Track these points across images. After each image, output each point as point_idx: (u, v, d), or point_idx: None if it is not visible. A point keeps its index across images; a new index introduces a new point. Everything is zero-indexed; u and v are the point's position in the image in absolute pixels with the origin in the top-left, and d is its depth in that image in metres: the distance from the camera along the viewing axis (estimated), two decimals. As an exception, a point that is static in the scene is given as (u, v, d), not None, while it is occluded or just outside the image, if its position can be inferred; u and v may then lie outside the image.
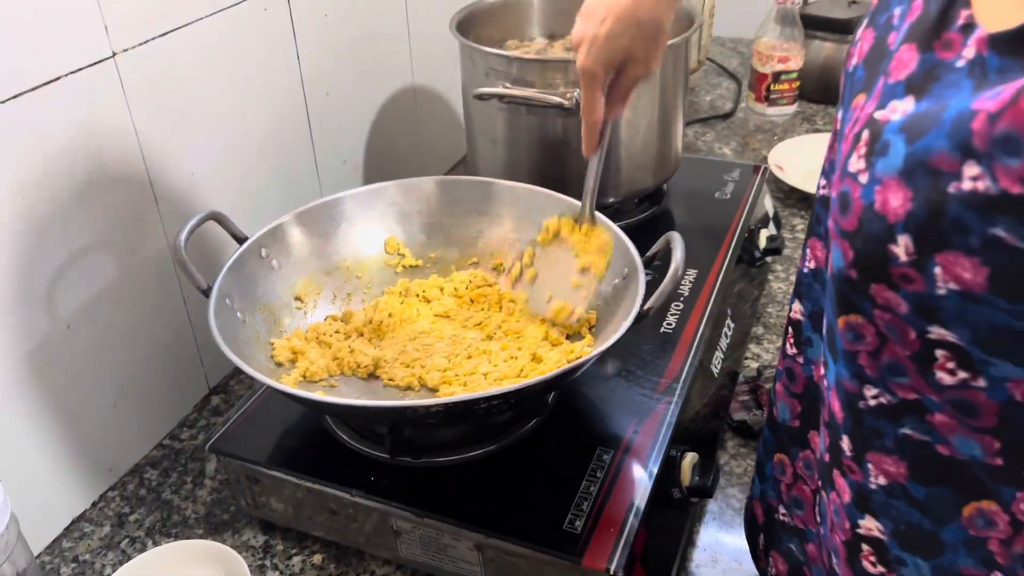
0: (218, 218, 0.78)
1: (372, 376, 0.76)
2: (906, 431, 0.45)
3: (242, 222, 0.81)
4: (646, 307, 0.65)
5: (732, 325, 0.91)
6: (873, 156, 0.41)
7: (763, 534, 0.67)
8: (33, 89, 0.67)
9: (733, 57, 1.71)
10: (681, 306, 0.86)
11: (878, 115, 0.42)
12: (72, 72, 0.70)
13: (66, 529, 0.78)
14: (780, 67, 1.39)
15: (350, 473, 0.69)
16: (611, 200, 0.99)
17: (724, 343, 0.88)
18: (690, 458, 0.72)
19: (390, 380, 0.75)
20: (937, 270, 0.38)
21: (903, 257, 0.39)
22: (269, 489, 0.73)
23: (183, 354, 0.90)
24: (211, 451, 0.73)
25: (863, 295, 0.43)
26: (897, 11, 0.45)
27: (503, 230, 0.88)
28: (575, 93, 0.88)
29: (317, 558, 0.74)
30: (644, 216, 1.03)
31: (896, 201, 0.39)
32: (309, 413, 0.76)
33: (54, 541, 0.77)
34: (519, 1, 1.10)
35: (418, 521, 0.67)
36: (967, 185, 0.36)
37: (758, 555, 0.68)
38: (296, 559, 0.74)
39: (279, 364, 0.75)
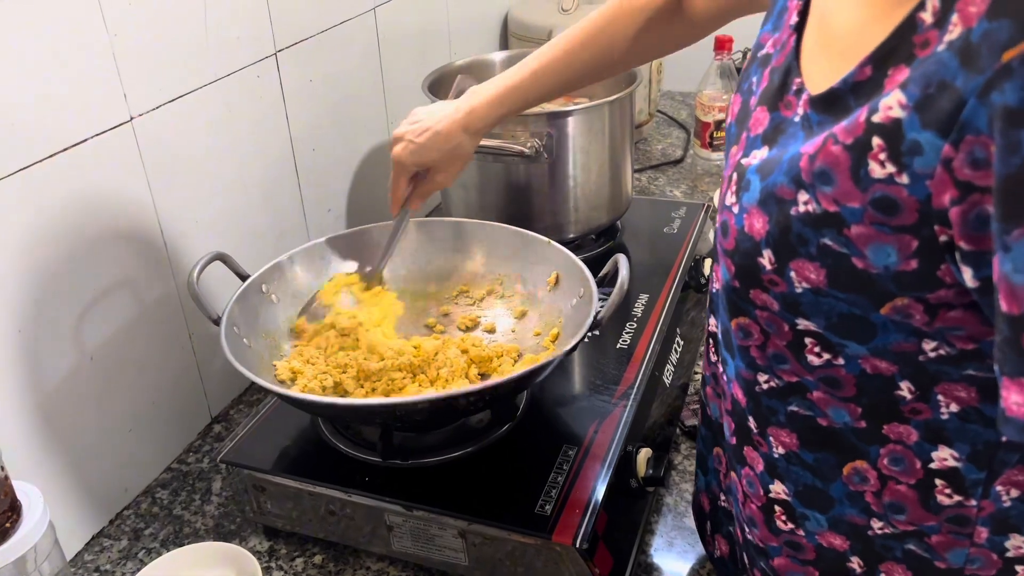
0: (223, 258, 0.89)
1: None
2: (793, 408, 0.56)
3: (240, 262, 0.91)
4: (599, 316, 0.76)
5: (682, 343, 1.02)
6: (740, 192, 0.53)
7: (709, 521, 0.77)
8: (64, 149, 0.78)
9: (682, 108, 1.86)
10: (635, 325, 0.97)
11: (744, 161, 0.55)
12: (97, 135, 0.81)
13: (87, 544, 0.86)
14: (721, 116, 1.53)
15: (347, 476, 0.79)
16: (571, 235, 1.11)
17: (675, 358, 0.99)
18: (644, 452, 0.82)
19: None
20: (792, 274, 0.49)
21: (768, 266, 0.51)
22: (274, 496, 0.82)
23: (188, 386, 0.99)
24: (222, 463, 0.82)
25: (746, 300, 0.55)
26: (754, 79, 0.58)
27: (475, 263, 0.99)
28: (535, 142, 1.01)
29: (318, 558, 0.83)
30: (600, 249, 1.15)
31: (758, 224, 0.51)
32: (307, 428, 0.85)
33: (76, 555, 0.85)
34: (483, 63, 1.23)
35: (408, 514, 0.76)
36: (802, 208, 0.47)
37: (706, 540, 0.78)
38: (299, 560, 0.83)
39: (281, 382, 0.85)
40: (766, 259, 0.50)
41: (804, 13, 0.54)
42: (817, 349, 0.52)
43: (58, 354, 0.81)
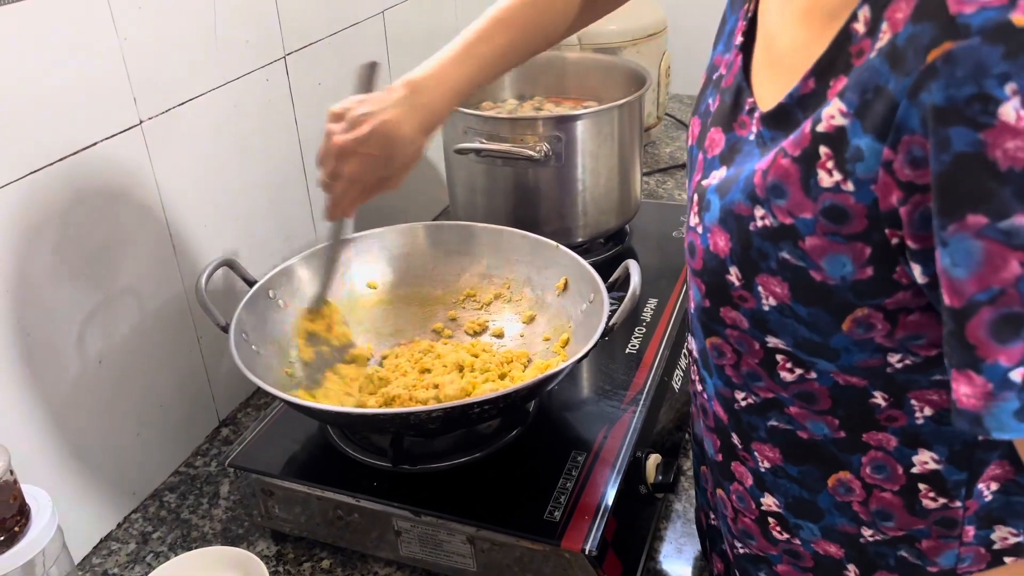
0: (230, 264, 0.89)
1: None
2: (773, 423, 0.57)
3: (247, 267, 0.91)
4: (611, 322, 0.76)
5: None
6: (703, 212, 0.54)
7: (708, 539, 0.77)
8: (74, 153, 0.78)
9: (690, 111, 1.85)
10: (644, 330, 0.97)
11: (704, 182, 0.55)
12: (106, 138, 0.81)
13: (95, 547, 0.86)
14: (730, 120, 1.53)
15: (355, 481, 0.78)
16: (579, 239, 1.10)
17: (684, 363, 0.98)
18: (654, 459, 0.81)
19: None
20: (760, 289, 0.50)
21: (737, 282, 0.51)
22: (282, 500, 0.81)
23: (196, 389, 0.99)
24: (230, 467, 0.82)
25: (716, 319, 0.55)
26: (711, 101, 0.58)
27: (482, 268, 0.98)
28: (543, 146, 1.01)
29: (325, 563, 0.82)
30: (609, 253, 1.15)
31: (721, 242, 0.51)
32: (315, 432, 0.85)
33: (84, 558, 0.85)
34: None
35: (417, 520, 0.76)
36: (759, 223, 0.48)
37: (707, 556, 0.78)
38: (306, 565, 0.82)
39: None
40: (734, 276, 0.51)
41: (750, 33, 0.55)
42: (789, 365, 0.53)
43: (67, 357, 0.81)
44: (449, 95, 0.78)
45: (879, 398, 0.51)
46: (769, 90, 0.51)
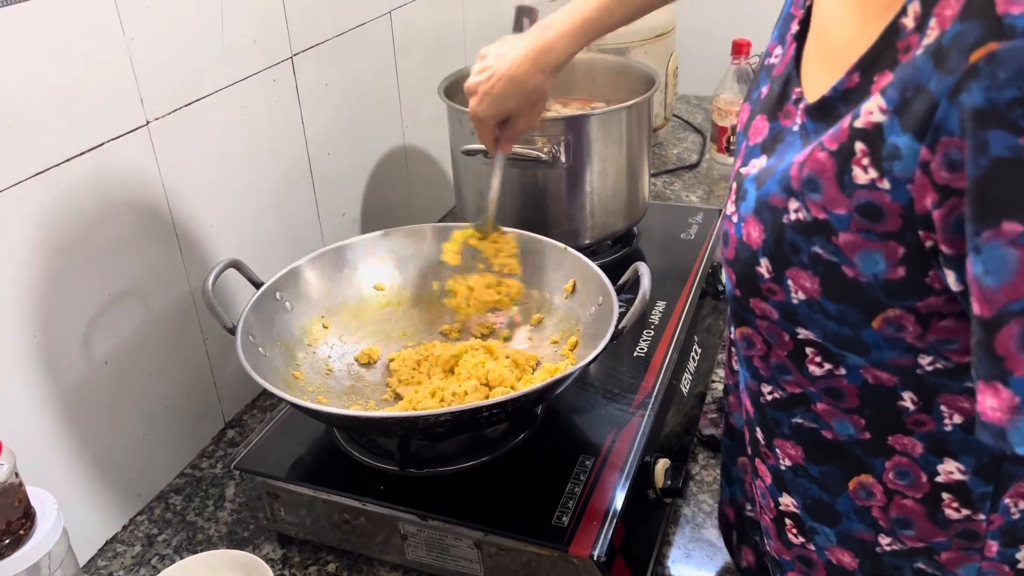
0: (237, 265, 0.88)
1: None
2: (798, 419, 0.56)
3: (253, 268, 0.90)
4: (621, 326, 0.75)
5: (699, 351, 1.01)
6: (739, 201, 0.53)
7: (735, 531, 0.76)
8: (81, 154, 0.77)
9: (697, 113, 1.85)
10: (652, 333, 0.96)
11: (743, 170, 0.54)
12: (113, 139, 0.80)
13: (100, 550, 0.86)
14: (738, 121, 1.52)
15: (361, 484, 0.78)
16: (587, 241, 1.10)
17: (692, 366, 0.98)
18: (662, 463, 0.81)
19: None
20: (789, 282, 0.49)
21: (766, 275, 0.50)
22: (288, 503, 0.81)
23: (202, 390, 0.98)
24: (235, 469, 0.81)
25: (747, 309, 0.54)
26: (764, 89, 0.57)
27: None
28: (552, 147, 1.00)
29: (331, 567, 0.82)
30: (617, 255, 1.14)
31: (755, 233, 0.50)
32: (321, 435, 0.85)
33: (90, 561, 0.85)
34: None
35: (423, 524, 0.75)
36: (792, 216, 0.47)
37: (732, 550, 0.77)
38: (312, 568, 0.82)
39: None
40: (764, 268, 0.50)
41: (806, 22, 0.54)
42: (818, 359, 0.52)
43: (72, 358, 0.81)
44: (569, 36, 0.83)
45: (908, 400, 0.49)
46: (817, 81, 0.50)
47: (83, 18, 0.75)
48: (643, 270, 0.78)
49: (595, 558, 0.69)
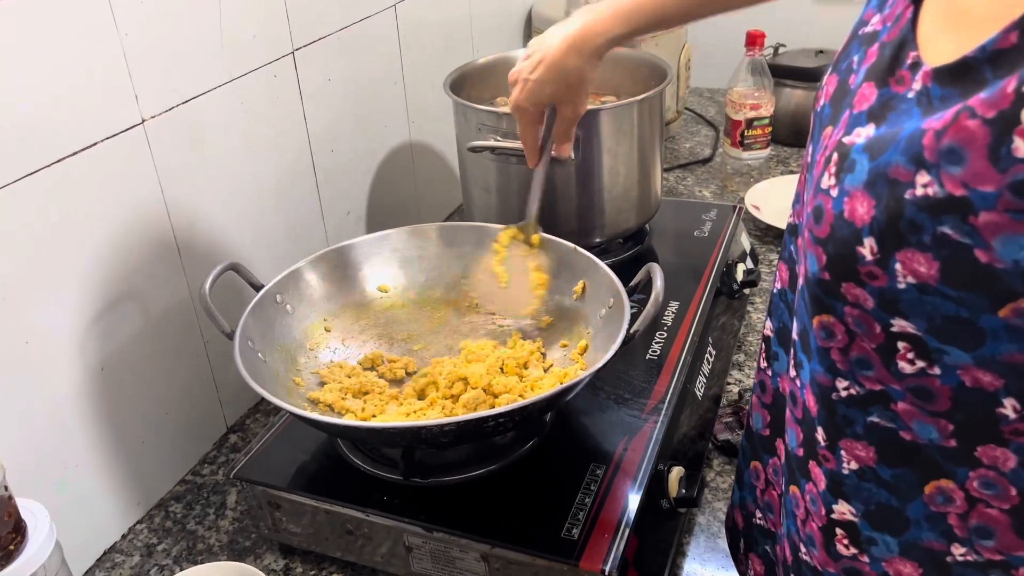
0: (236, 268, 0.86)
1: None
2: (874, 419, 0.51)
3: (255, 269, 0.88)
4: (632, 330, 0.72)
5: (714, 352, 0.98)
6: (842, 173, 0.48)
7: (743, 538, 0.73)
8: (73, 154, 0.75)
9: (710, 106, 1.81)
10: (665, 335, 0.93)
11: (846, 140, 0.49)
12: (107, 138, 0.78)
13: (98, 560, 0.84)
14: (752, 114, 1.48)
15: (365, 494, 0.75)
16: (597, 240, 1.07)
17: (706, 369, 0.95)
18: (676, 471, 0.78)
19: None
20: (898, 266, 0.44)
21: (869, 256, 0.45)
22: (289, 513, 0.79)
23: (203, 395, 0.96)
24: (236, 479, 0.79)
25: (835, 295, 0.49)
26: (855, 57, 0.53)
27: (498, 270, 0.95)
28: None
29: (334, 578, 0.80)
30: (629, 254, 1.11)
31: (862, 209, 0.45)
32: (325, 442, 0.82)
33: (87, 571, 0.83)
34: (506, 61, 1.19)
35: (429, 536, 0.73)
36: (919, 191, 0.42)
37: (738, 559, 0.74)
38: (315, 580, 0.80)
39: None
40: (867, 248, 0.45)
41: None
42: (911, 355, 0.47)
43: (67, 365, 0.78)
44: (615, 20, 0.80)
45: (1009, 408, 0.45)
46: (944, 44, 0.45)
47: (73, 13, 0.73)
48: (655, 271, 0.75)
49: (607, 573, 0.66)
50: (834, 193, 0.48)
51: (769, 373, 0.66)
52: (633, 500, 0.72)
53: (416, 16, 1.25)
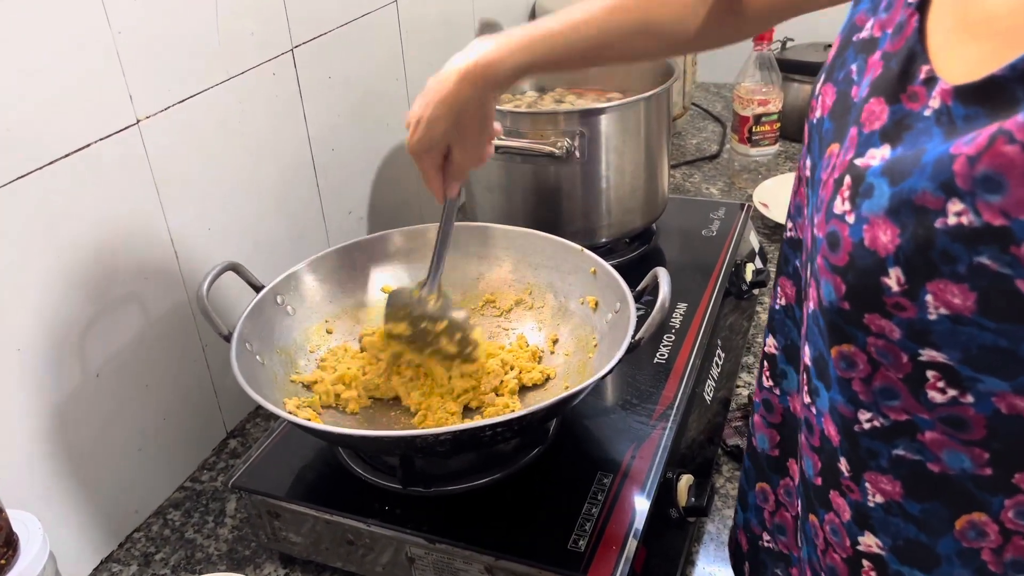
0: (235, 268, 0.84)
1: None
2: (899, 452, 0.48)
3: (255, 271, 0.86)
4: (637, 337, 0.70)
5: (723, 355, 0.96)
6: (858, 198, 0.44)
7: (748, 562, 0.70)
8: (66, 155, 0.73)
9: (717, 101, 1.78)
10: (673, 338, 0.91)
11: (858, 162, 0.46)
12: (101, 139, 0.76)
13: (95, 569, 0.82)
14: (760, 110, 1.46)
15: (366, 504, 0.74)
16: (603, 240, 1.04)
17: (715, 372, 0.93)
18: (685, 480, 0.76)
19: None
20: (928, 297, 0.41)
21: (895, 287, 0.42)
22: (289, 522, 0.77)
23: (202, 399, 0.94)
24: (234, 488, 0.77)
25: (856, 325, 0.46)
26: (854, 67, 0.50)
27: (502, 271, 0.93)
28: (565, 142, 0.95)
29: (335, 588, 0.78)
30: (635, 254, 1.09)
31: (885, 237, 0.42)
32: (325, 450, 0.80)
33: (84, 581, 0.81)
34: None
35: (431, 547, 0.71)
36: (952, 220, 0.39)
37: None
38: (315, 590, 0.78)
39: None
40: (893, 279, 0.42)
41: None
42: (941, 384, 0.44)
43: (62, 372, 0.76)
44: (519, 48, 0.71)
45: None
46: (961, 57, 0.43)
47: (65, 10, 0.71)
48: (662, 276, 0.73)
49: (614, 587, 0.64)
50: (850, 219, 0.45)
51: (777, 392, 0.63)
52: (641, 510, 0.70)
53: (418, 11, 1.23)
